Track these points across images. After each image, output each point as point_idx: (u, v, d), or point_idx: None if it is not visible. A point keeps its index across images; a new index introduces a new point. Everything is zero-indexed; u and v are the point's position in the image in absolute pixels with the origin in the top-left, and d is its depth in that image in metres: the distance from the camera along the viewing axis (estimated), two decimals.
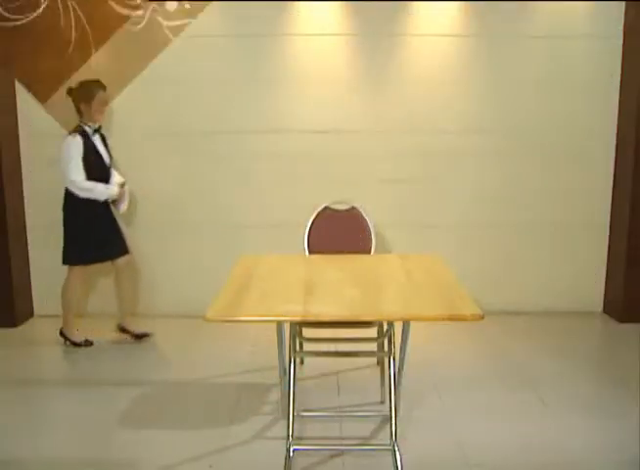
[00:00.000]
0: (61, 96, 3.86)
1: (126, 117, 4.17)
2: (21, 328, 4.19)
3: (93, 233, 3.67)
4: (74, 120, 3.66)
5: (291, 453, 2.32)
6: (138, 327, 3.91)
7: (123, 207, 3.79)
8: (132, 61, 4.08)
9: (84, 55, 4.04)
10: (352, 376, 3.37)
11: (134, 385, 3.28)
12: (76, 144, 3.52)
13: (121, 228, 3.85)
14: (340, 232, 3.34)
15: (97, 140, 3.66)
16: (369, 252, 3.30)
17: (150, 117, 4.17)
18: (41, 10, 3.95)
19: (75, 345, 3.81)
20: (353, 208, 3.43)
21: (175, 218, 4.29)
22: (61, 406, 3.05)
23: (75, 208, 3.64)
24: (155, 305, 4.36)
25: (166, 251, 4.31)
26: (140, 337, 3.89)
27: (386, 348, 2.72)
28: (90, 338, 3.84)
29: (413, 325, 2.67)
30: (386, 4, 4.05)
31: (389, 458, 2.38)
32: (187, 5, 4.01)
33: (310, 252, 3.35)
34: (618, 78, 4.14)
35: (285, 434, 2.36)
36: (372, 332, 3.01)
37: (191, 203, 4.27)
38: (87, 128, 3.60)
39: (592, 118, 4.21)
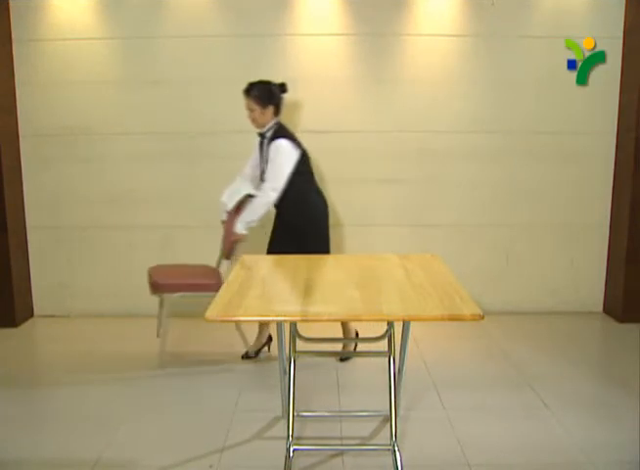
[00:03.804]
0: None
1: (125, 116, 4.18)
2: (21, 328, 4.19)
3: None
4: None
5: (291, 453, 2.31)
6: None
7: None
8: None
9: None
10: (352, 376, 3.37)
11: (134, 385, 3.29)
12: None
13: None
14: None
15: (263, 144, 3.41)
16: None
17: (149, 117, 4.17)
18: None
19: None
20: None
21: (175, 219, 4.29)
22: (60, 406, 3.04)
23: None
24: (154, 304, 4.36)
25: (165, 251, 4.30)
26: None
27: (386, 348, 2.72)
28: None
29: (413, 325, 2.67)
30: (386, 3, 4.05)
31: (389, 458, 2.38)
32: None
33: None
34: (619, 76, 4.15)
35: (285, 434, 2.36)
36: (372, 332, 3.01)
37: (190, 203, 4.27)
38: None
39: (592, 119, 4.21)
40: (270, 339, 3.67)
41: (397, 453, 2.30)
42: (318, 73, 4.13)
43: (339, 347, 3.66)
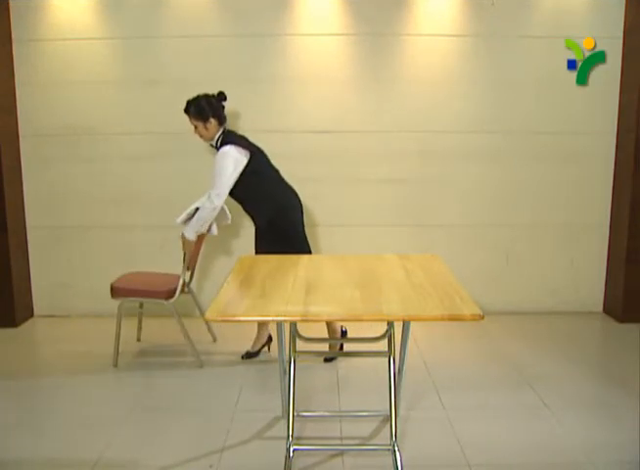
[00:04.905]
0: None
1: (125, 116, 4.18)
2: (21, 328, 4.19)
3: None
4: None
5: (291, 453, 2.31)
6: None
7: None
8: None
9: None
10: (352, 376, 3.37)
11: (134, 385, 3.29)
12: None
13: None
14: None
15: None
16: None
17: (149, 117, 4.17)
18: None
19: None
20: None
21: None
22: (60, 406, 3.04)
23: None
24: (153, 305, 4.35)
25: (164, 251, 4.30)
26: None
27: (386, 348, 2.72)
28: None
29: (413, 325, 2.67)
30: (386, 3, 4.05)
31: (389, 458, 2.38)
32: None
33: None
34: (619, 76, 4.15)
35: (285, 434, 2.36)
36: (372, 332, 3.01)
37: (190, 203, 4.26)
38: None
39: (592, 119, 4.21)
40: (270, 339, 3.67)
41: (397, 453, 2.30)
42: (318, 73, 4.13)
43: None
